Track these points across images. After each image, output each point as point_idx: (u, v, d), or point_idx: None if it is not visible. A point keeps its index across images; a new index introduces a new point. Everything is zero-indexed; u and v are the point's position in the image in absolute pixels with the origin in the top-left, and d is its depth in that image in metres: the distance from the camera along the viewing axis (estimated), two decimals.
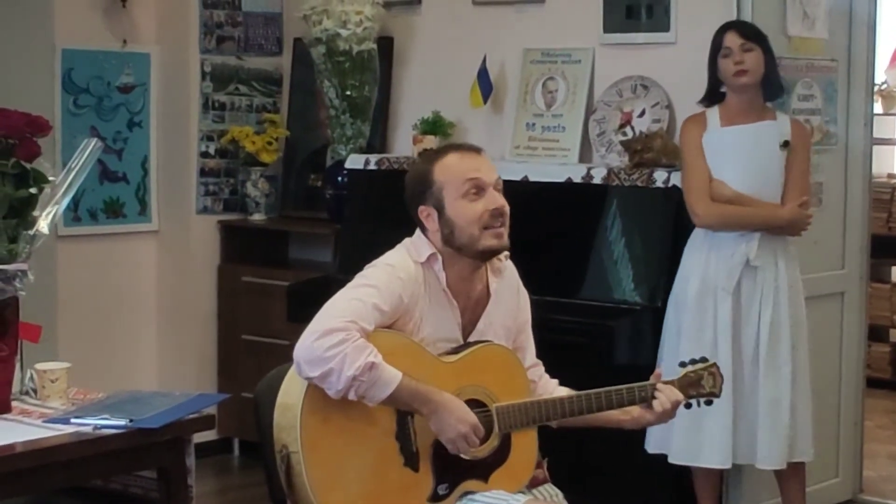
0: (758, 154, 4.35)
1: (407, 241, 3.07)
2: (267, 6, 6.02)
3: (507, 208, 3.01)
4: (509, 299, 3.14)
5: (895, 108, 7.74)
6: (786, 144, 4.36)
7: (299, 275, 5.52)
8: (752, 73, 4.32)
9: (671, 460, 4.36)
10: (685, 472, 4.46)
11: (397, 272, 2.95)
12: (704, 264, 4.33)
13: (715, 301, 4.31)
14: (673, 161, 4.69)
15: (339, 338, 2.79)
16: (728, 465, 4.33)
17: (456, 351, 3.01)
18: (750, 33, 4.36)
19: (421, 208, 3.02)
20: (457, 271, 3.02)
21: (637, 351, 4.46)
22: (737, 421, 4.28)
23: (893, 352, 7.35)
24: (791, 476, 4.43)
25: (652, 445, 4.38)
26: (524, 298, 3.20)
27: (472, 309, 3.07)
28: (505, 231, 3.00)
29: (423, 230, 3.04)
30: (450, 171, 2.99)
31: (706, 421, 4.19)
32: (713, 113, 4.41)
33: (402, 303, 2.93)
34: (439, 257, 3.01)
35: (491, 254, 3.03)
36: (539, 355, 3.23)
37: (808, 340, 4.43)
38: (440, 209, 2.99)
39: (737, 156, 4.34)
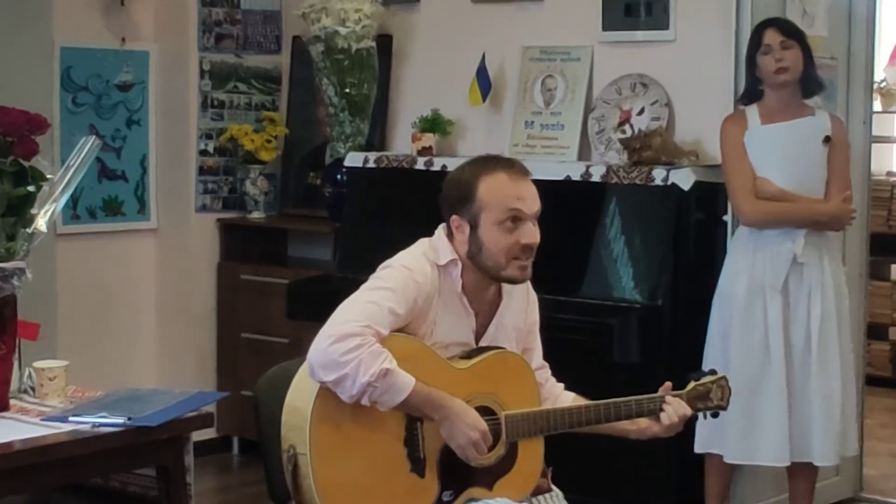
0: (800, 150, 4.34)
1: (426, 241, 3.03)
2: (266, 4, 6.01)
3: (538, 242, 2.97)
4: (519, 300, 3.13)
5: (894, 105, 7.73)
6: (827, 140, 4.35)
7: (298, 273, 5.51)
8: (792, 70, 4.31)
9: (727, 460, 4.34)
10: (689, 472, 4.45)
11: (414, 275, 2.92)
12: (751, 263, 4.31)
13: (764, 300, 4.29)
14: (672, 159, 4.69)
15: (355, 343, 2.77)
16: (786, 463, 4.31)
17: (469, 356, 2.99)
18: (789, 30, 4.35)
19: (454, 217, 2.98)
20: (473, 279, 3.00)
21: (637, 349, 4.44)
22: (791, 418, 4.26)
23: (893, 350, 7.34)
24: (802, 473, 4.42)
25: (702, 446, 4.36)
26: (533, 300, 3.18)
27: (486, 313, 3.06)
28: (530, 263, 2.97)
29: (450, 234, 3.00)
30: (494, 194, 2.93)
31: (762, 420, 4.20)
32: (752, 111, 4.39)
33: (417, 306, 2.91)
34: (459, 263, 2.98)
35: (510, 283, 3.02)
36: None
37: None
38: (474, 227, 2.94)
39: (779, 153, 4.32)
